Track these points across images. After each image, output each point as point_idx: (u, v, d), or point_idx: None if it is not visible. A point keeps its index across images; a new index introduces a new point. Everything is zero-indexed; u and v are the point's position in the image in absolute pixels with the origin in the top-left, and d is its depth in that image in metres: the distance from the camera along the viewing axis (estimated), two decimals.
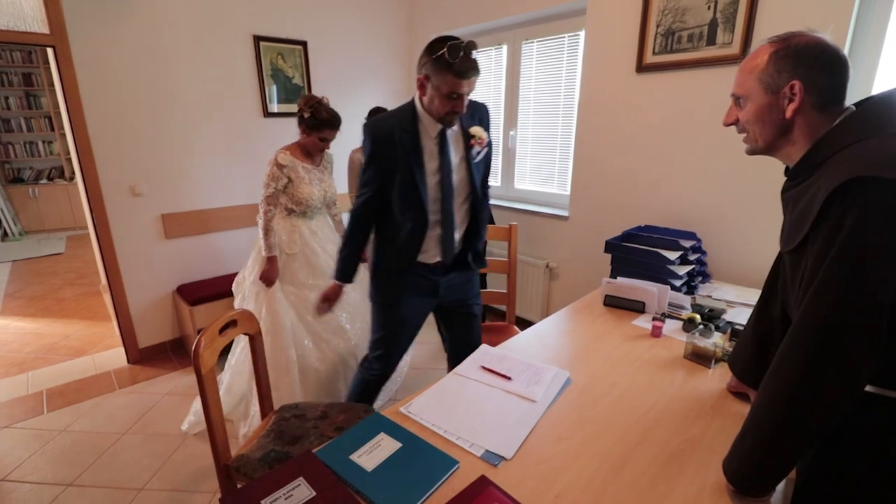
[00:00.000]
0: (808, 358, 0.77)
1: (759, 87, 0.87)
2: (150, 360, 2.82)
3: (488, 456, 1.03)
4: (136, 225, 2.66)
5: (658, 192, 2.41)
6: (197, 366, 1.29)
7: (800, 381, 0.79)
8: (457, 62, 1.26)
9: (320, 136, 2.09)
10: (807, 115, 0.84)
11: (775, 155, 0.94)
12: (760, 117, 0.89)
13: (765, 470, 0.85)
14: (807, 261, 0.82)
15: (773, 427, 0.82)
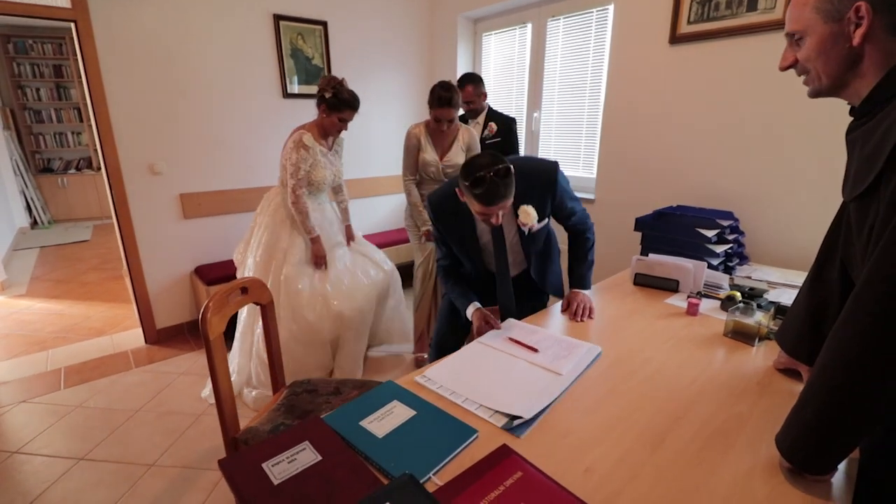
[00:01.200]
0: (880, 316, 0.66)
1: (818, 17, 0.77)
2: (167, 340, 2.81)
3: (511, 427, 0.94)
4: (154, 204, 2.65)
5: (691, 172, 2.27)
6: (205, 331, 1.23)
7: (869, 341, 0.67)
8: (481, 193, 1.24)
9: (340, 116, 2.08)
10: (877, 39, 0.73)
11: (842, 94, 0.82)
12: (824, 50, 0.78)
13: (826, 444, 0.73)
14: (878, 207, 0.71)
15: (837, 395, 0.71)
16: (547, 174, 1.46)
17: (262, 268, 2.17)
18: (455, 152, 2.34)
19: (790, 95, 1.84)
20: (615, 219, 2.60)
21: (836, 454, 0.75)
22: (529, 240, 1.54)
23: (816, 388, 0.75)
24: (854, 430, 0.72)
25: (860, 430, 0.72)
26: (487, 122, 2.64)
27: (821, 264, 0.99)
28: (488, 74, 3.47)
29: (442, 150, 2.33)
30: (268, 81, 2.91)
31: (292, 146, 2.06)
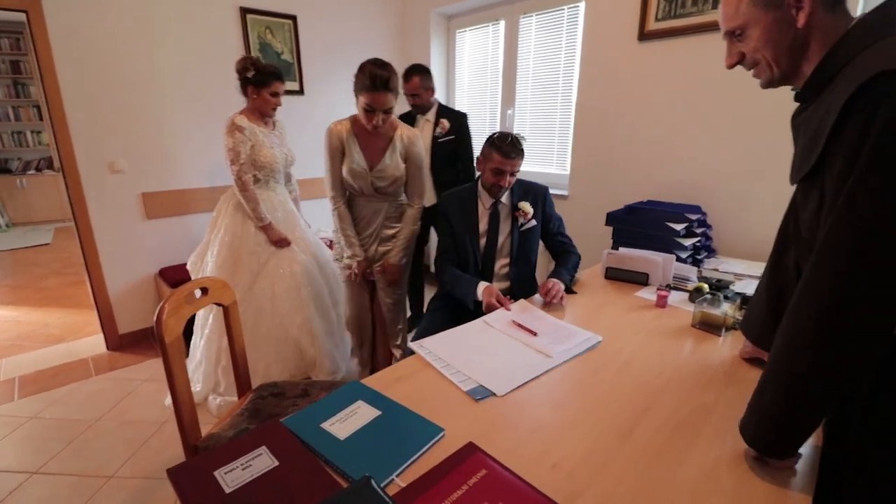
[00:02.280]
0: (834, 293, 0.66)
1: (757, 9, 0.77)
2: (130, 346, 2.69)
3: (476, 391, 1.01)
4: (115, 204, 2.53)
5: (661, 167, 2.30)
6: (160, 334, 1.17)
7: (819, 328, 0.67)
8: (504, 145, 1.60)
9: (270, 90, 2.01)
10: (819, 19, 0.73)
11: (795, 80, 0.81)
12: (771, 38, 0.77)
13: (785, 429, 0.74)
14: (824, 187, 0.71)
15: (792, 380, 0.71)
16: (541, 188, 1.81)
17: (227, 269, 2.07)
18: (390, 160, 1.80)
19: (751, 91, 1.87)
20: (587, 214, 2.61)
21: (795, 438, 0.75)
22: (520, 240, 1.76)
23: (773, 374, 0.75)
24: (810, 414, 0.72)
25: (816, 413, 0.72)
26: (438, 119, 2.53)
27: (778, 252, 0.99)
28: (462, 72, 3.45)
29: (372, 155, 1.80)
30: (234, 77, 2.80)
31: (225, 132, 1.99)
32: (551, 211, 1.82)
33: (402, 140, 1.84)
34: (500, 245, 1.77)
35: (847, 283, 0.64)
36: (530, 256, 1.80)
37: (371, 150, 1.81)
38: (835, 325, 0.66)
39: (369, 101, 1.63)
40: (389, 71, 1.65)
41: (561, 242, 1.81)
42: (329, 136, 1.79)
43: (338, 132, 1.79)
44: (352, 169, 1.80)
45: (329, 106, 3.19)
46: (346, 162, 1.81)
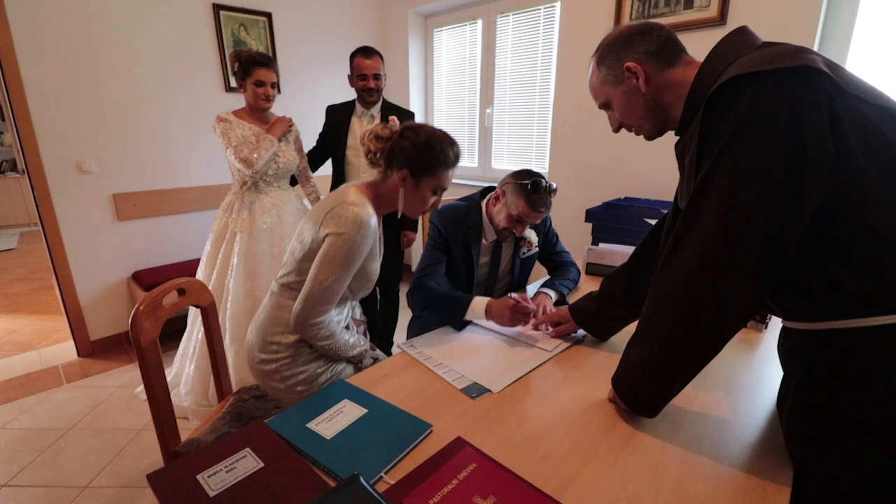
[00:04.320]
0: (697, 259, 0.75)
1: (609, 88, 0.92)
2: (102, 353, 2.61)
3: (471, 388, 1.01)
4: (84, 205, 2.45)
5: (638, 166, 2.35)
6: (135, 337, 1.14)
7: (686, 283, 0.76)
8: (537, 197, 1.39)
9: (254, 80, 1.89)
10: (658, 78, 0.86)
11: (668, 127, 0.91)
12: (629, 107, 0.91)
13: (653, 390, 0.85)
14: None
15: (660, 339, 0.81)
16: (547, 219, 1.70)
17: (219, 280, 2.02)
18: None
19: None
20: (567, 212, 2.64)
21: (660, 399, 0.86)
22: (521, 267, 1.66)
23: (643, 337, 0.86)
24: (675, 374, 0.81)
25: (681, 374, 0.81)
26: (386, 116, 2.21)
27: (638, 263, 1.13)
28: (441, 71, 3.45)
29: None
30: (208, 74, 2.76)
31: (215, 132, 1.94)
32: (551, 229, 1.73)
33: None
34: (498, 274, 1.65)
35: (708, 246, 0.73)
36: (526, 278, 1.74)
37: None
38: (697, 285, 0.74)
39: (444, 181, 1.21)
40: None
41: (559, 259, 1.71)
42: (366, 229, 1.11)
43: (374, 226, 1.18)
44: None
45: (305, 104, 3.15)
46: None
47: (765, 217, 0.68)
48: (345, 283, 1.12)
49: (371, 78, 2.07)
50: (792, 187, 0.66)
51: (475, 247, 1.54)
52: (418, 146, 1.13)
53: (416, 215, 1.25)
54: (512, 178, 1.45)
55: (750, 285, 0.71)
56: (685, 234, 0.77)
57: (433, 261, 1.50)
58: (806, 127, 0.64)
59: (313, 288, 1.10)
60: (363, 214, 1.08)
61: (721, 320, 0.75)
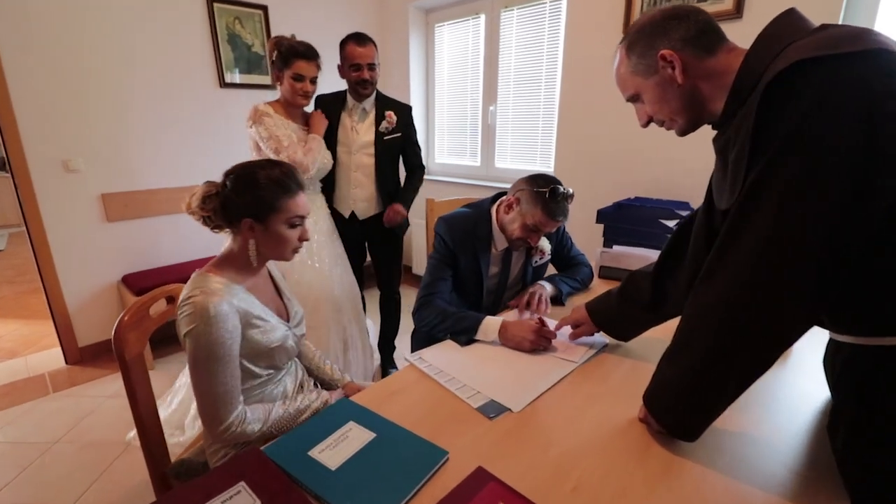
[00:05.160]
0: (750, 267, 0.66)
1: (641, 78, 0.83)
2: (91, 360, 2.50)
3: (488, 407, 0.92)
4: (71, 206, 2.34)
5: (648, 163, 2.27)
6: (119, 351, 1.05)
7: (737, 294, 0.68)
8: (556, 205, 1.30)
9: (292, 73, 1.69)
10: (696, 67, 0.78)
11: (704, 121, 0.83)
12: (662, 99, 0.83)
13: (696, 404, 0.77)
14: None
15: (707, 350, 0.73)
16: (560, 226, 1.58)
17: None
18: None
19: None
20: (574, 212, 2.55)
21: (701, 422, 0.77)
22: (532, 276, 1.56)
23: (683, 347, 0.78)
24: (722, 389, 0.73)
25: (727, 389, 0.72)
26: (382, 111, 2.01)
27: (666, 267, 1.05)
28: (442, 67, 3.36)
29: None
30: (202, 69, 2.66)
31: (249, 124, 1.73)
32: (565, 234, 1.63)
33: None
34: (508, 283, 1.56)
35: (762, 259, 0.65)
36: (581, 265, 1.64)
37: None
38: (748, 299, 0.67)
39: (295, 209, 1.11)
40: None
41: (573, 262, 1.63)
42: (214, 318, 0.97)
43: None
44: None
45: None
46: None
47: (830, 222, 0.59)
48: (230, 379, 0.93)
49: (365, 68, 1.87)
50: (863, 187, 0.58)
51: (484, 257, 1.44)
52: (246, 186, 0.98)
53: (289, 257, 1.06)
54: (527, 185, 1.34)
55: (807, 299, 0.64)
56: (733, 239, 0.68)
57: (439, 275, 1.41)
58: (879, 119, 0.56)
59: (199, 400, 0.93)
60: (206, 304, 0.89)
61: (775, 337, 0.67)
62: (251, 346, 0.98)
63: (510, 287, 1.58)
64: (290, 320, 1.13)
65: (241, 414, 0.94)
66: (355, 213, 2.05)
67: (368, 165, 2.01)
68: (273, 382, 1.09)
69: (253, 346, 0.99)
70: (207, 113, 2.71)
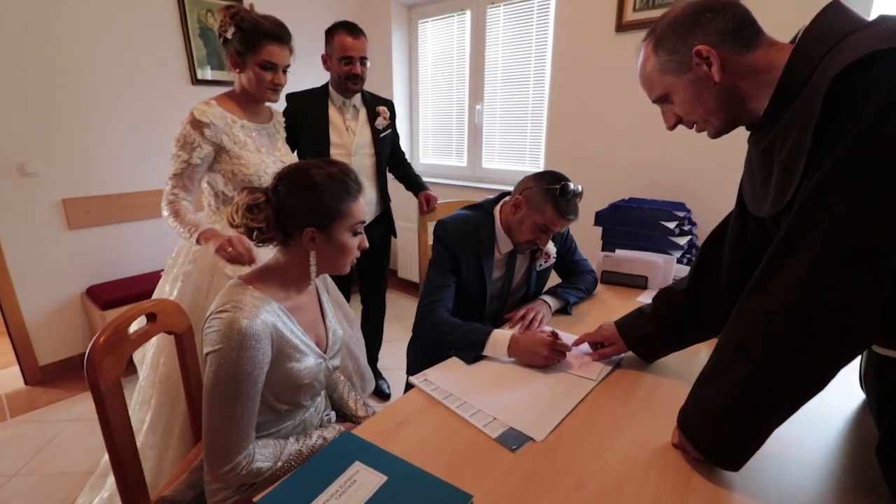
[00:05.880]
0: (810, 280, 0.60)
1: (671, 77, 0.77)
2: (53, 380, 2.30)
3: (508, 437, 0.83)
4: (27, 213, 2.15)
5: (641, 164, 2.23)
6: (93, 379, 0.91)
7: (798, 308, 0.62)
8: (567, 203, 1.24)
9: (260, 59, 1.30)
10: (738, 62, 0.72)
11: (740, 122, 0.77)
12: (696, 99, 0.76)
13: (741, 429, 0.70)
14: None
15: (758, 369, 0.66)
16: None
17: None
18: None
19: None
20: None
21: (747, 450, 0.70)
22: (536, 280, 1.50)
23: (728, 365, 0.71)
24: (770, 414, 0.67)
25: (777, 414, 0.67)
26: (372, 107, 1.89)
27: (700, 279, 0.98)
28: (426, 64, 3.26)
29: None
30: (172, 65, 2.49)
31: (180, 126, 1.32)
32: (570, 237, 1.58)
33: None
34: (512, 288, 1.49)
35: (823, 272, 0.59)
36: (542, 290, 1.56)
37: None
38: (811, 314, 0.61)
39: (358, 215, 1.02)
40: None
41: (576, 268, 1.56)
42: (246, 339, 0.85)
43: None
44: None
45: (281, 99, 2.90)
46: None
47: None
48: (248, 415, 0.82)
49: (357, 61, 1.72)
50: None
51: (487, 260, 1.36)
52: (302, 188, 0.86)
53: (346, 270, 0.95)
54: (535, 183, 1.28)
55: (871, 318, 0.58)
56: (792, 248, 0.62)
57: (441, 283, 1.32)
58: None
59: (206, 432, 0.82)
60: (238, 321, 0.78)
61: (838, 355, 0.61)
62: (278, 380, 0.87)
63: (513, 293, 1.50)
64: (327, 350, 1.01)
65: (249, 454, 0.83)
66: None
67: (370, 166, 1.89)
68: (292, 417, 0.97)
69: (280, 380, 0.87)
70: (178, 112, 2.46)
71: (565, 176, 1.28)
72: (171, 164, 1.31)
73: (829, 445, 0.83)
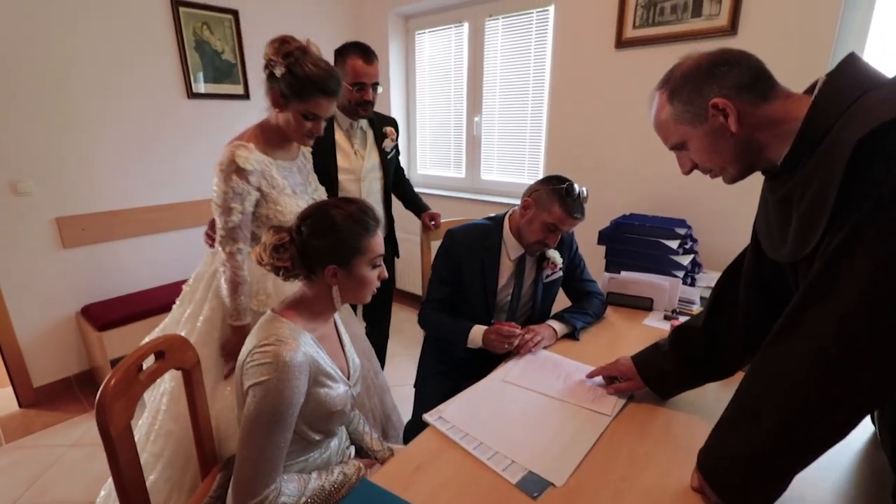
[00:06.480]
0: (842, 331, 0.61)
1: (687, 127, 0.79)
2: (49, 401, 2.26)
3: (528, 483, 0.83)
4: (20, 232, 2.10)
5: (641, 178, 2.24)
6: (103, 424, 0.89)
7: (829, 354, 0.62)
8: (573, 202, 1.32)
9: (305, 108, 1.22)
10: (755, 114, 0.73)
11: (758, 168, 0.79)
12: (712, 149, 0.78)
13: (765, 472, 0.70)
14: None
15: (789, 412, 0.66)
16: (569, 236, 1.56)
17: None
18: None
19: None
20: None
21: (772, 498, 0.70)
22: (542, 291, 1.52)
23: (756, 407, 0.71)
24: (797, 458, 0.68)
25: (804, 457, 0.68)
26: (378, 128, 1.83)
27: (717, 315, 0.98)
28: (423, 75, 3.25)
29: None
30: (167, 78, 2.46)
31: (219, 174, 1.22)
32: (577, 255, 1.60)
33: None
34: (521, 301, 1.52)
35: (849, 325, 0.61)
36: (549, 306, 1.59)
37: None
38: (841, 363, 0.61)
39: (377, 249, 1.02)
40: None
41: (583, 288, 1.57)
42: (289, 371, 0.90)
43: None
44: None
45: None
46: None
47: None
48: (282, 445, 0.86)
49: (370, 88, 1.66)
50: None
51: (492, 267, 1.44)
52: (325, 229, 0.91)
53: (367, 300, 1.00)
54: (542, 185, 1.37)
55: (893, 370, 0.59)
56: (818, 298, 0.64)
57: (438, 284, 1.46)
58: None
59: (240, 463, 0.85)
60: (283, 354, 0.83)
61: (856, 411, 0.63)
62: (313, 408, 0.92)
63: (522, 305, 1.53)
64: (349, 377, 1.05)
65: (277, 488, 0.86)
66: None
67: (379, 190, 1.85)
68: (319, 449, 1.02)
69: (315, 408, 0.92)
70: (174, 126, 2.50)
71: (571, 179, 1.34)
72: (224, 219, 1.23)
73: (843, 486, 0.84)
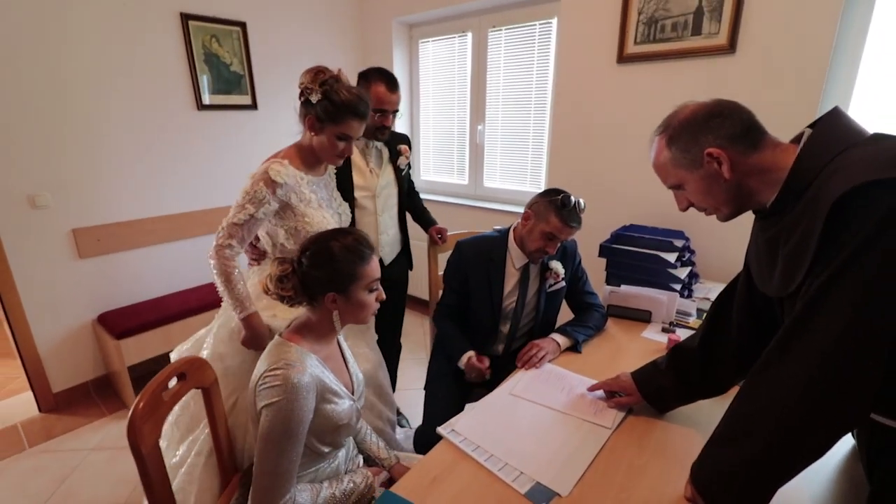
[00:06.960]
0: (824, 363, 0.69)
1: (684, 171, 0.86)
2: (68, 406, 2.34)
3: (536, 493, 0.90)
4: (38, 243, 2.17)
5: (640, 190, 2.30)
6: (135, 444, 0.97)
7: (814, 378, 0.70)
8: (569, 212, 1.42)
9: (339, 131, 1.32)
10: (746, 162, 0.81)
11: (751, 208, 0.87)
12: (706, 192, 0.86)
13: (753, 486, 0.77)
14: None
15: (779, 431, 0.74)
16: (571, 243, 1.65)
17: None
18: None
19: None
20: None
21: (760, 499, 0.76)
22: (546, 301, 1.61)
23: (748, 426, 0.78)
24: (774, 488, 0.75)
25: (790, 471, 0.74)
26: (393, 145, 1.85)
27: (711, 341, 1.06)
28: (427, 83, 3.31)
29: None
30: (177, 91, 2.51)
31: (249, 179, 1.32)
32: (580, 267, 1.68)
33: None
34: (525, 309, 1.61)
35: (829, 356, 0.68)
36: (553, 316, 1.66)
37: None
38: (817, 394, 0.69)
39: (373, 273, 1.12)
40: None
41: (585, 301, 1.65)
42: (298, 392, 0.98)
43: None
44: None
45: (284, 122, 2.94)
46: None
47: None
48: (295, 458, 0.95)
49: (391, 115, 1.71)
50: None
51: (498, 276, 1.56)
52: (323, 260, 0.99)
53: (367, 321, 1.09)
54: (540, 198, 1.49)
55: (871, 395, 0.68)
56: (797, 333, 0.72)
57: (448, 290, 1.62)
58: None
59: (258, 477, 0.94)
60: (292, 376, 0.92)
61: (837, 431, 0.71)
62: (321, 423, 1.00)
63: (525, 315, 1.62)
64: (353, 392, 1.13)
65: (291, 497, 0.95)
66: (381, 259, 1.87)
67: (394, 206, 1.89)
68: (328, 460, 1.10)
69: (322, 423, 1.00)
70: (185, 137, 2.56)
71: (569, 194, 1.45)
72: (232, 214, 1.31)
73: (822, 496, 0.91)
